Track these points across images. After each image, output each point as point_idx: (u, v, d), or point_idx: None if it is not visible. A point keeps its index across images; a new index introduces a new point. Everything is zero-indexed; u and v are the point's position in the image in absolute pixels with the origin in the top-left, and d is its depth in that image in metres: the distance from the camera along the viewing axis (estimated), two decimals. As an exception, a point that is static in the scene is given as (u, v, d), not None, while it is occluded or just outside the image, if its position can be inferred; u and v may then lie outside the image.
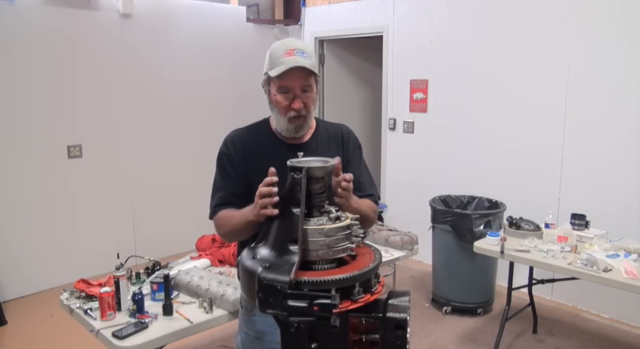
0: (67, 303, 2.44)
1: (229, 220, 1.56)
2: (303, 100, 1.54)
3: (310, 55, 1.53)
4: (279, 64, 1.50)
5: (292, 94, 1.53)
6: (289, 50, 1.50)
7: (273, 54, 1.54)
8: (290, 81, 1.51)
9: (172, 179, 4.91)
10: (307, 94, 1.54)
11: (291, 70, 1.48)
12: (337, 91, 5.73)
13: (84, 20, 4.25)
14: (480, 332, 3.56)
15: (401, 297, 1.16)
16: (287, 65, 1.48)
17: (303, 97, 1.54)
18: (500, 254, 3.03)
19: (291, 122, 1.57)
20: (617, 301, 3.56)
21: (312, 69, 1.51)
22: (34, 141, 4.07)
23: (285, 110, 1.55)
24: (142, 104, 4.68)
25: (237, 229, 1.53)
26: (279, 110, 1.57)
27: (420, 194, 4.48)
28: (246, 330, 1.71)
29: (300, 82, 1.51)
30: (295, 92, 1.52)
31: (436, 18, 4.51)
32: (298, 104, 1.53)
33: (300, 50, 1.51)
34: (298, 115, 1.55)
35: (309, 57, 1.52)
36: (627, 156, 3.55)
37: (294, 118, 1.56)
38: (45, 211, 4.19)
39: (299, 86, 1.52)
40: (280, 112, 1.57)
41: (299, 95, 1.53)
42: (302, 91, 1.53)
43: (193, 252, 3.19)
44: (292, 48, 1.51)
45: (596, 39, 3.63)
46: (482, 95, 4.28)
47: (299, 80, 1.51)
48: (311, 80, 1.54)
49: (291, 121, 1.56)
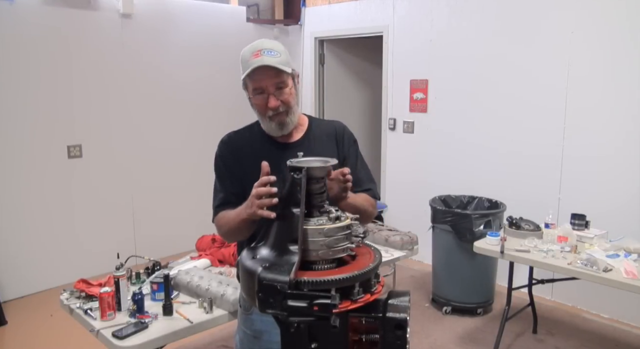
0: (67, 303, 2.44)
1: (226, 220, 1.57)
2: (278, 97, 1.55)
3: (279, 52, 1.54)
4: (248, 66, 1.52)
5: (267, 94, 1.54)
6: (256, 51, 1.52)
7: (243, 58, 1.55)
8: (262, 81, 1.53)
9: (172, 179, 4.92)
10: (282, 90, 1.55)
11: (258, 69, 1.50)
12: (337, 91, 5.73)
13: (83, 20, 4.25)
14: (480, 332, 3.56)
15: (401, 297, 1.16)
16: (253, 67, 1.50)
17: (278, 94, 1.55)
18: (500, 254, 3.03)
19: (272, 120, 1.58)
20: (617, 301, 3.57)
21: (280, 65, 1.51)
22: (34, 141, 4.07)
23: (264, 110, 1.57)
24: (142, 104, 4.68)
25: (233, 228, 1.54)
26: (258, 111, 1.60)
27: (420, 194, 4.48)
28: (244, 329, 1.71)
29: (271, 80, 1.53)
30: (268, 90, 1.54)
31: (436, 18, 4.52)
32: (273, 102, 1.54)
33: (267, 49, 1.52)
34: (277, 112, 1.56)
35: (277, 54, 1.53)
36: (627, 156, 3.55)
37: (274, 116, 1.57)
38: (45, 210, 4.19)
39: (272, 84, 1.53)
40: (260, 112, 1.59)
41: (272, 93, 1.54)
42: (276, 89, 1.54)
43: (193, 252, 3.19)
44: (259, 49, 1.52)
45: (596, 39, 3.63)
46: (482, 95, 4.28)
47: (270, 78, 1.52)
48: (283, 77, 1.54)
49: (272, 118, 1.58)
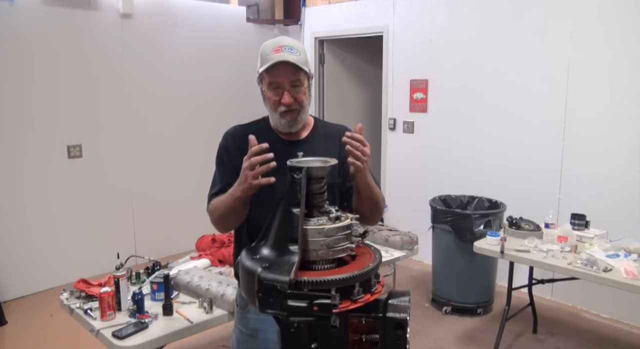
0: (67, 303, 2.44)
1: (219, 203, 1.56)
2: (293, 94, 1.55)
3: (300, 51, 1.55)
4: (268, 60, 1.52)
5: (282, 89, 1.55)
6: (278, 47, 1.53)
7: (263, 51, 1.57)
8: (279, 76, 1.53)
9: (172, 179, 4.91)
10: (297, 88, 1.56)
11: (278, 65, 1.51)
12: (337, 91, 5.73)
13: (84, 20, 4.25)
14: (480, 332, 3.56)
15: (401, 297, 1.16)
16: (273, 61, 1.51)
17: (293, 92, 1.55)
18: (500, 254, 3.03)
19: (283, 117, 1.58)
20: (617, 301, 3.56)
21: (299, 64, 1.52)
22: (34, 141, 4.07)
23: (276, 105, 1.57)
24: (142, 104, 4.68)
25: (227, 210, 1.52)
26: (270, 105, 1.60)
27: (420, 194, 4.48)
28: (240, 328, 1.72)
29: (288, 77, 1.53)
30: (284, 87, 1.54)
31: (436, 18, 4.51)
32: (287, 99, 1.55)
33: (289, 46, 1.53)
34: (289, 109, 1.57)
35: (297, 53, 1.54)
36: (627, 156, 3.55)
37: (285, 112, 1.57)
38: (46, 210, 4.19)
39: (288, 81, 1.54)
40: (272, 107, 1.59)
41: (287, 89, 1.54)
42: (292, 86, 1.55)
43: (193, 252, 3.19)
44: (281, 45, 1.53)
45: (596, 38, 3.63)
46: (482, 95, 4.28)
47: (287, 75, 1.53)
48: (300, 75, 1.55)
49: (283, 115, 1.58)
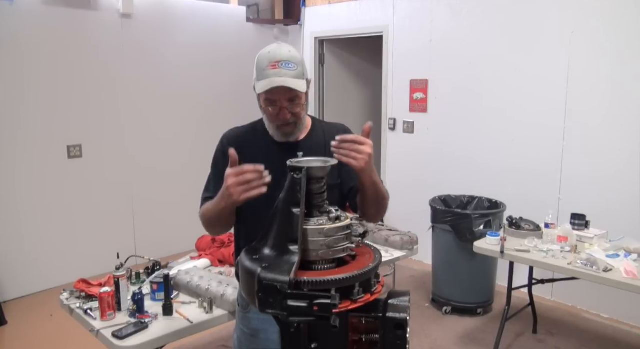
0: (67, 303, 2.44)
1: (206, 211, 1.57)
2: (290, 109, 1.53)
3: (297, 63, 1.51)
4: (264, 77, 1.49)
5: (279, 106, 1.53)
6: (274, 62, 1.48)
7: (259, 65, 1.52)
8: (276, 95, 1.51)
9: (172, 179, 4.91)
10: (295, 102, 1.53)
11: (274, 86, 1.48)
12: (337, 91, 5.73)
13: (84, 20, 4.25)
14: (480, 332, 3.56)
15: (401, 297, 1.16)
16: (270, 83, 1.47)
17: (290, 107, 1.53)
18: (500, 254, 3.02)
19: (279, 130, 1.58)
20: (617, 301, 3.56)
21: (297, 81, 1.49)
22: (34, 141, 4.07)
23: (273, 118, 1.56)
24: (142, 104, 4.68)
25: (213, 218, 1.54)
26: (268, 117, 1.59)
27: (420, 194, 4.48)
28: (242, 327, 1.72)
29: (285, 95, 1.51)
30: (281, 104, 1.52)
31: (436, 18, 4.51)
32: (284, 116, 1.53)
33: (285, 61, 1.48)
34: (286, 123, 1.56)
35: (294, 67, 1.50)
36: (627, 156, 3.55)
37: (282, 126, 1.57)
38: (45, 210, 4.19)
39: (285, 99, 1.52)
40: (270, 119, 1.59)
41: (285, 107, 1.53)
42: (289, 101, 1.53)
43: (193, 252, 3.19)
44: (277, 60, 1.48)
45: (596, 39, 3.63)
46: (482, 95, 4.28)
47: (285, 94, 1.50)
48: (298, 92, 1.51)
49: (279, 128, 1.58)
